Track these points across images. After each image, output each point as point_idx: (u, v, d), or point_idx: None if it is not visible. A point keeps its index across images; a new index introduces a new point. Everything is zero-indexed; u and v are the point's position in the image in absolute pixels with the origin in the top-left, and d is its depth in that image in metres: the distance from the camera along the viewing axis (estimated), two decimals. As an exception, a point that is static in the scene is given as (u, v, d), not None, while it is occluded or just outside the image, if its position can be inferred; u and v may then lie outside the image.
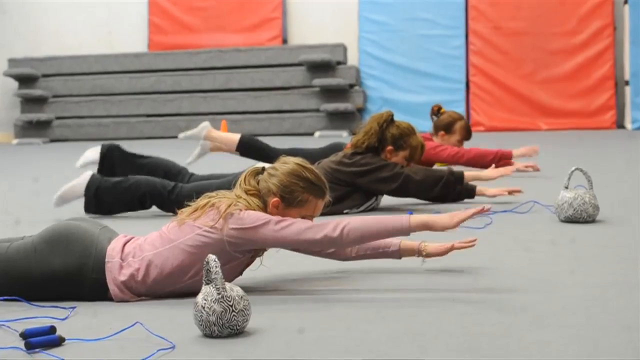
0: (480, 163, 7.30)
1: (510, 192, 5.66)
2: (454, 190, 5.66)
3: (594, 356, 2.49)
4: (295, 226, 3.29)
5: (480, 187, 5.78)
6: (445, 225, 3.30)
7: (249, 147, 7.05)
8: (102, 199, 5.62)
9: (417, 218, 3.29)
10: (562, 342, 2.63)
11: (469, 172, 5.88)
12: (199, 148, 7.16)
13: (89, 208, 5.65)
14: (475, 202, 5.72)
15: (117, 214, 5.72)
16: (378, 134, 5.64)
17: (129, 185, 5.61)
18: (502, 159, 7.37)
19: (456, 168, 6.55)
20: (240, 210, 3.32)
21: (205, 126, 7.31)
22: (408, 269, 3.72)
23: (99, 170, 6.05)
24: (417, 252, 3.64)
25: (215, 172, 6.23)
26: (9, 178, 9.30)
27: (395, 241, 3.64)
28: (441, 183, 5.61)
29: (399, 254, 3.65)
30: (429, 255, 3.64)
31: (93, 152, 6.13)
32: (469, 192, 5.72)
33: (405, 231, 3.29)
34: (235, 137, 7.09)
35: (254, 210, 3.37)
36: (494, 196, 5.70)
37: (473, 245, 3.59)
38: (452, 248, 3.59)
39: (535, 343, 2.62)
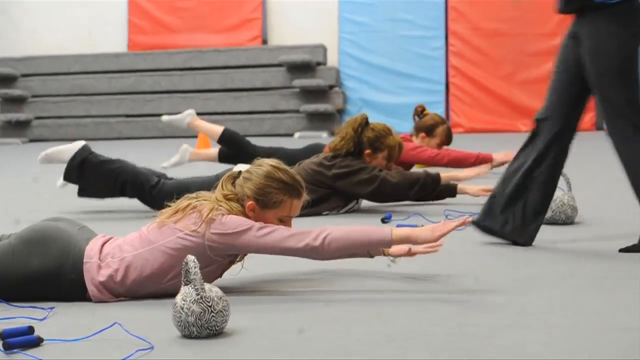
0: (460, 166, 7.30)
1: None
2: (431, 192, 5.66)
3: (574, 356, 2.51)
4: (277, 233, 3.30)
5: (461, 185, 5.79)
6: (426, 239, 3.31)
7: (230, 140, 7.08)
8: (85, 172, 5.54)
9: (399, 231, 3.32)
10: (542, 342, 2.64)
11: (445, 173, 5.87)
12: (178, 155, 7.16)
13: (69, 177, 5.57)
14: (457, 202, 5.74)
15: (95, 191, 5.65)
16: (354, 138, 5.65)
17: (114, 168, 5.54)
18: (483, 163, 7.37)
19: (435, 169, 6.58)
20: (223, 215, 3.33)
21: (190, 113, 7.31)
22: (387, 271, 3.73)
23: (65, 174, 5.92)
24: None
25: (196, 175, 6.24)
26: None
27: None
28: (417, 185, 5.61)
29: None
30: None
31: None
32: (451, 191, 5.72)
33: (387, 243, 3.32)
34: (219, 129, 7.11)
35: (236, 214, 3.38)
36: (477, 195, 5.68)
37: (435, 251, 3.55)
38: (409, 252, 3.60)
39: (516, 343, 2.64)
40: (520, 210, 4.30)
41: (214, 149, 7.21)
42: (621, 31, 4.21)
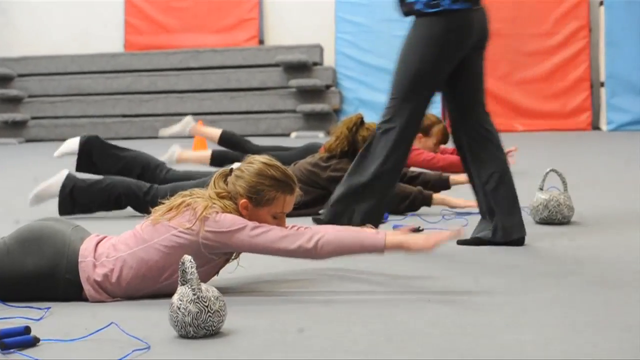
0: (456, 171, 7.26)
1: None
2: (419, 207, 5.61)
3: (572, 356, 2.50)
4: (271, 234, 3.30)
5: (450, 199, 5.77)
6: (420, 247, 3.30)
7: (229, 141, 7.23)
8: (77, 199, 5.60)
9: (392, 237, 3.30)
10: (541, 342, 2.64)
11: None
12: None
13: (64, 209, 5.61)
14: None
15: (91, 213, 5.70)
16: (348, 137, 5.64)
17: (104, 186, 5.60)
18: None
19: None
20: (217, 212, 3.32)
21: (188, 122, 7.40)
22: (387, 272, 3.72)
23: (78, 160, 6.01)
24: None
25: (192, 169, 6.26)
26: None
27: None
28: (408, 200, 5.56)
29: None
30: None
31: (72, 143, 6.09)
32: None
33: (380, 250, 3.31)
34: (217, 131, 7.25)
35: (230, 212, 3.37)
36: (463, 207, 5.64)
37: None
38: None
39: (511, 343, 2.63)
40: (499, 213, 4.32)
41: (206, 152, 7.27)
42: (428, 40, 4.36)
